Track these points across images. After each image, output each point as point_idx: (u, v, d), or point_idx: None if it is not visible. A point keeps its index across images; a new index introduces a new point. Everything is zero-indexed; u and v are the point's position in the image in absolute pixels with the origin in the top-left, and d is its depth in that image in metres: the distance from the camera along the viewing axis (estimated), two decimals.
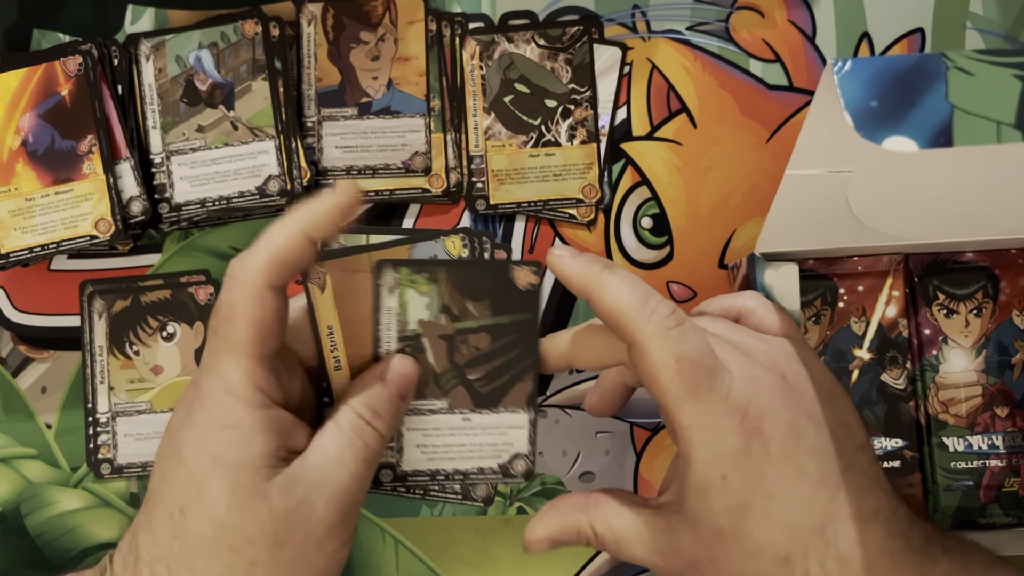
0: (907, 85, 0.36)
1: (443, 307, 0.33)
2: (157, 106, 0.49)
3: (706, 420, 0.30)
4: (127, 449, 0.49)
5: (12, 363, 0.51)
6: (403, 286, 0.32)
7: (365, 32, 0.50)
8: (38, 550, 0.50)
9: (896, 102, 0.36)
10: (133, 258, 0.51)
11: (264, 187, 0.48)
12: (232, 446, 0.29)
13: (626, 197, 0.50)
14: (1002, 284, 0.46)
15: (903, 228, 0.41)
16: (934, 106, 0.36)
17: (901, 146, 0.36)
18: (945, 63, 0.37)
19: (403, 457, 0.34)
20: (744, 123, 0.50)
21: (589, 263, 0.32)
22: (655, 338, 0.30)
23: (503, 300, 0.33)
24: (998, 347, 0.46)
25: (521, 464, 0.35)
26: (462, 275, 0.33)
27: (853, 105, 0.36)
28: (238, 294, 0.29)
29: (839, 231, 0.41)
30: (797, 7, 0.50)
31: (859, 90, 0.36)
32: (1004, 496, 0.45)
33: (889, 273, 0.46)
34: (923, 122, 0.36)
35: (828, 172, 0.39)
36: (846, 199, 0.40)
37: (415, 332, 0.33)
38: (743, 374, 0.31)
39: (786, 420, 0.31)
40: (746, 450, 0.30)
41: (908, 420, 0.46)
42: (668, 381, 0.30)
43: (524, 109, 0.50)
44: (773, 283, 0.42)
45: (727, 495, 0.30)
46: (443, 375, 0.34)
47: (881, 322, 0.46)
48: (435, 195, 0.50)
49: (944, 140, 0.36)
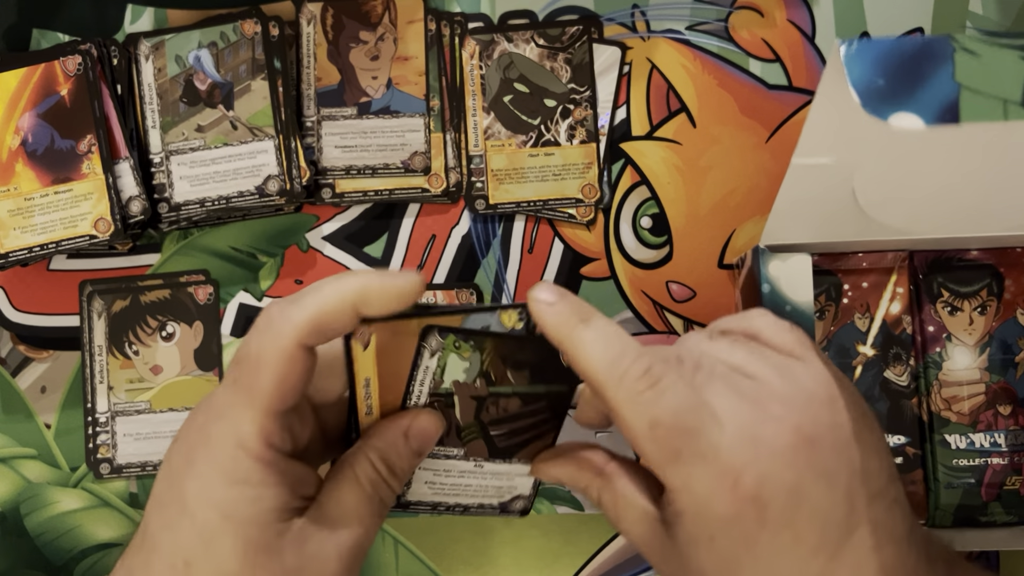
0: (914, 65, 0.36)
1: (482, 372, 0.32)
2: (156, 106, 0.49)
3: (691, 485, 0.29)
4: (126, 449, 0.49)
5: (11, 363, 0.50)
6: (447, 350, 0.31)
7: (364, 32, 0.50)
8: (38, 550, 0.50)
9: (903, 81, 0.36)
10: (132, 258, 0.51)
11: (263, 187, 0.48)
12: (243, 503, 0.28)
13: (626, 197, 0.50)
14: (1007, 282, 0.46)
15: (909, 222, 0.41)
16: (941, 85, 0.36)
17: (908, 123, 0.36)
18: (952, 44, 0.37)
19: (410, 489, 0.34)
20: (744, 123, 0.50)
21: (565, 315, 0.30)
22: (627, 405, 0.29)
23: (545, 372, 0.32)
24: (1002, 345, 0.46)
25: (520, 503, 0.35)
26: (509, 347, 0.32)
27: (860, 84, 0.36)
28: (269, 347, 0.28)
29: (844, 223, 0.41)
30: (797, 7, 0.50)
31: (866, 69, 0.36)
32: (1006, 494, 0.45)
33: (894, 270, 0.46)
34: (930, 100, 0.36)
35: (835, 161, 0.39)
36: (852, 190, 0.40)
37: (448, 391, 0.32)
38: (742, 432, 0.29)
39: (789, 483, 0.29)
40: (737, 517, 0.29)
41: (911, 417, 0.46)
42: (645, 447, 0.29)
43: (523, 109, 0.50)
44: (779, 274, 0.41)
45: (715, 553, 0.29)
46: (466, 428, 0.33)
47: (885, 319, 0.46)
48: (434, 195, 0.50)
49: (951, 117, 0.36)
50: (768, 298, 0.42)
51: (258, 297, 0.50)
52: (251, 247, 0.51)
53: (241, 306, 0.50)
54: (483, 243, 0.50)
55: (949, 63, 0.36)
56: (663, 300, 0.50)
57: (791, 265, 0.42)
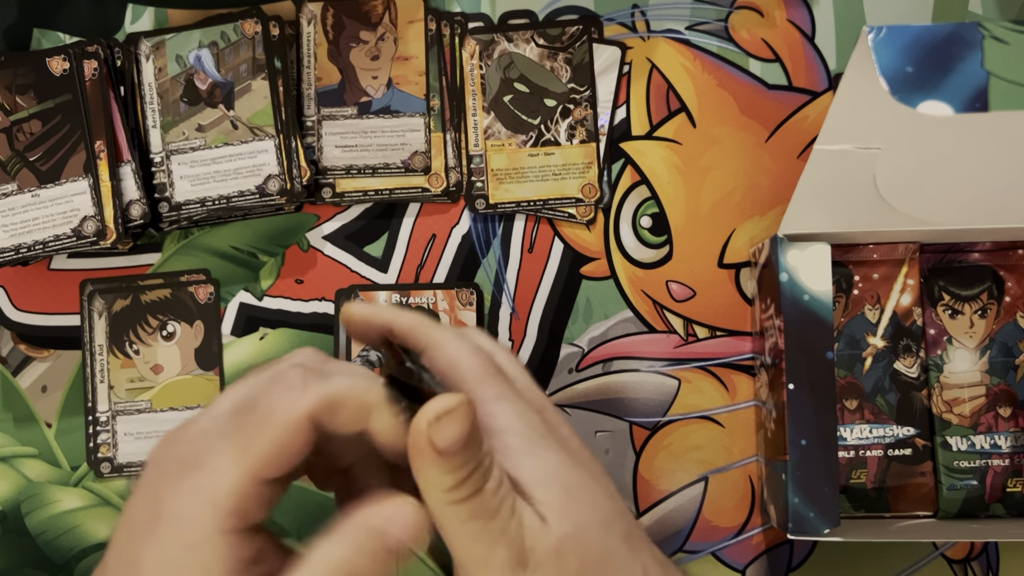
0: (943, 52, 0.36)
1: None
2: (157, 105, 0.49)
3: (508, 395, 0.29)
4: (127, 448, 0.50)
5: (12, 362, 0.51)
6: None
7: (365, 31, 0.50)
8: (38, 549, 0.50)
9: (932, 68, 0.36)
10: (133, 257, 0.51)
11: (264, 186, 0.48)
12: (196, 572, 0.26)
13: (625, 196, 0.50)
14: (1007, 285, 0.46)
15: (928, 211, 0.41)
16: (970, 72, 0.36)
17: (936, 111, 0.35)
18: (980, 32, 0.36)
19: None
20: (743, 122, 0.50)
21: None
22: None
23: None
24: (1002, 348, 0.46)
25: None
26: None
27: (889, 71, 0.36)
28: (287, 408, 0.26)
29: (863, 212, 0.41)
30: (796, 7, 0.50)
31: (895, 57, 0.36)
32: (1008, 496, 0.45)
33: (904, 261, 0.46)
34: (959, 88, 0.36)
35: (858, 148, 0.39)
36: (873, 177, 0.40)
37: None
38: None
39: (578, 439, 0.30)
40: (549, 430, 0.29)
41: (920, 408, 0.45)
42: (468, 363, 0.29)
43: (523, 108, 0.50)
44: (797, 264, 0.41)
45: (555, 452, 0.29)
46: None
47: (896, 310, 0.46)
48: (435, 194, 0.50)
49: (980, 105, 0.35)
50: (786, 287, 0.42)
51: (258, 296, 0.50)
52: (251, 246, 0.51)
53: (241, 305, 0.50)
54: (483, 243, 0.50)
55: (978, 50, 0.36)
56: (663, 300, 0.50)
57: (809, 254, 0.41)
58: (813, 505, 0.40)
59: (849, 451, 0.46)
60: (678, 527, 0.49)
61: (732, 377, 0.49)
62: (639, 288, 0.50)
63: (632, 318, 0.50)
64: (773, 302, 0.43)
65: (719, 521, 0.49)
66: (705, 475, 0.49)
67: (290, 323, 0.50)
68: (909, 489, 0.45)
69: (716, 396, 0.49)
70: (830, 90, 0.50)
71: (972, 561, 0.48)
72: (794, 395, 0.41)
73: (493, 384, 0.30)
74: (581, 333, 0.50)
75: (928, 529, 0.44)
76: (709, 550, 0.48)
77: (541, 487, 0.27)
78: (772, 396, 0.44)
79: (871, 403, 0.46)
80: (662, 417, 0.49)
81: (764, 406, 0.46)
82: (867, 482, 0.45)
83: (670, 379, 0.49)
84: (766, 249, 0.44)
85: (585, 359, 0.50)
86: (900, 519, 0.45)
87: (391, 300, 0.50)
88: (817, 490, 0.40)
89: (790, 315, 0.41)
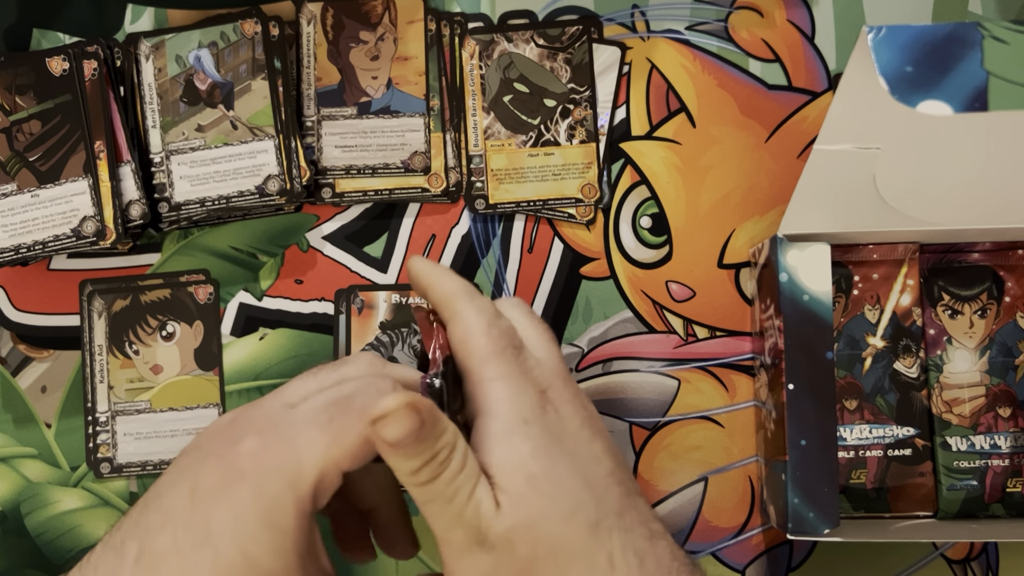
0: (942, 52, 0.36)
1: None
2: (157, 105, 0.49)
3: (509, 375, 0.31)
4: (127, 448, 0.50)
5: (12, 362, 0.51)
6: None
7: (365, 32, 0.50)
8: (38, 550, 0.50)
9: (931, 68, 0.36)
10: (132, 257, 0.51)
11: (264, 186, 0.48)
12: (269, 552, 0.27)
13: (625, 196, 0.50)
14: (1007, 285, 0.46)
15: (928, 211, 0.41)
16: (970, 72, 0.36)
17: (935, 111, 0.35)
18: (980, 32, 0.36)
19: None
20: (743, 123, 0.50)
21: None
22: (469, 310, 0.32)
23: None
24: (1002, 348, 0.46)
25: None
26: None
27: (888, 71, 0.36)
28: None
29: (863, 212, 0.41)
30: (796, 7, 0.50)
31: (894, 56, 0.36)
32: (1008, 496, 0.45)
33: (904, 262, 0.46)
34: (959, 87, 0.36)
35: (857, 148, 0.39)
36: (873, 177, 0.40)
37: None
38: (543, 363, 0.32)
39: (583, 418, 0.32)
40: (544, 411, 0.31)
41: (920, 409, 0.46)
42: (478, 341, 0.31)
43: (523, 109, 0.50)
44: (797, 264, 0.41)
45: (531, 439, 0.30)
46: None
47: (895, 310, 0.46)
48: (434, 194, 0.50)
49: (980, 105, 0.35)
50: (786, 287, 0.42)
51: (258, 297, 0.50)
52: (251, 247, 0.51)
53: (241, 306, 0.50)
54: (483, 243, 0.50)
55: (978, 50, 0.36)
56: (663, 300, 0.50)
57: (809, 255, 0.42)
58: (813, 505, 0.40)
59: (849, 451, 0.46)
60: (678, 527, 0.49)
61: (732, 377, 0.49)
62: (639, 288, 0.50)
63: (632, 318, 0.50)
64: (773, 302, 0.43)
65: (719, 521, 0.49)
66: (705, 475, 0.49)
67: (290, 323, 0.50)
68: (909, 489, 0.45)
69: (716, 396, 0.49)
70: (830, 90, 0.50)
71: (972, 561, 0.48)
72: (794, 395, 0.41)
73: (496, 364, 0.31)
74: (581, 333, 0.50)
75: (928, 529, 0.44)
76: (709, 550, 0.49)
77: (505, 475, 0.29)
78: (772, 396, 0.44)
79: (871, 403, 0.46)
80: (662, 417, 0.49)
81: (764, 406, 0.46)
82: (867, 482, 0.45)
83: (670, 379, 0.49)
84: (766, 249, 0.44)
85: (585, 359, 0.50)
86: (900, 519, 0.45)
87: (391, 300, 0.50)
88: (817, 490, 0.41)
89: (790, 315, 0.41)
